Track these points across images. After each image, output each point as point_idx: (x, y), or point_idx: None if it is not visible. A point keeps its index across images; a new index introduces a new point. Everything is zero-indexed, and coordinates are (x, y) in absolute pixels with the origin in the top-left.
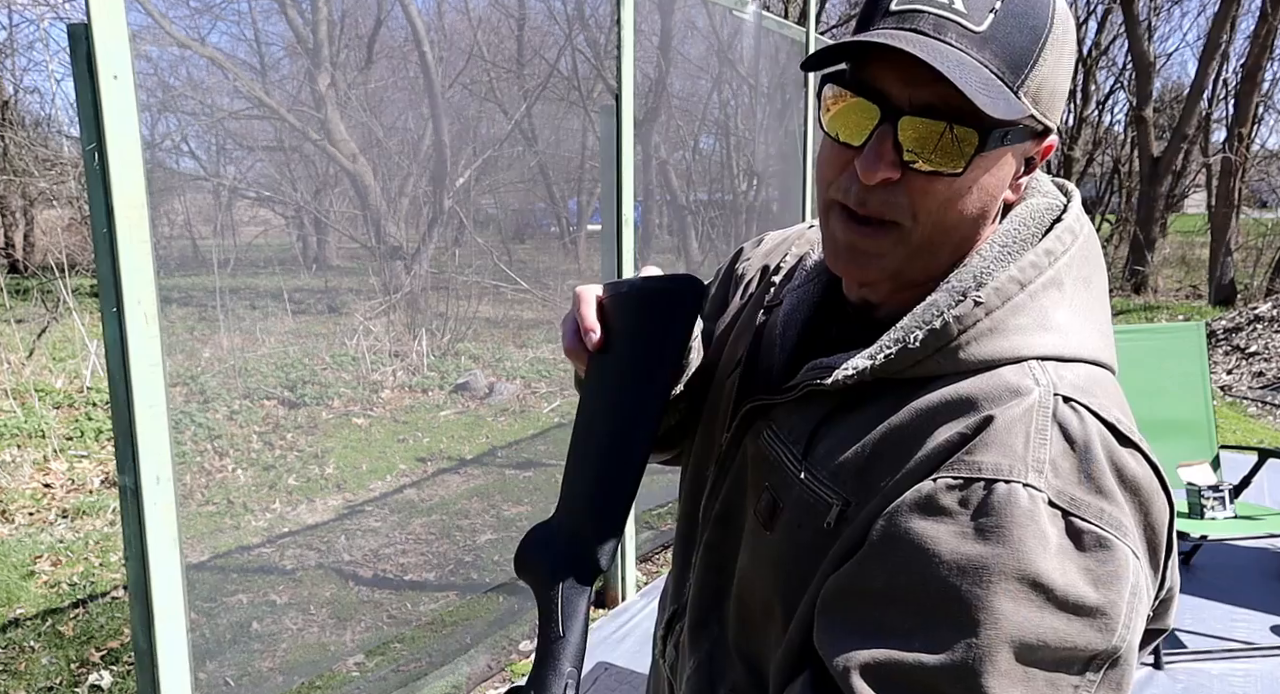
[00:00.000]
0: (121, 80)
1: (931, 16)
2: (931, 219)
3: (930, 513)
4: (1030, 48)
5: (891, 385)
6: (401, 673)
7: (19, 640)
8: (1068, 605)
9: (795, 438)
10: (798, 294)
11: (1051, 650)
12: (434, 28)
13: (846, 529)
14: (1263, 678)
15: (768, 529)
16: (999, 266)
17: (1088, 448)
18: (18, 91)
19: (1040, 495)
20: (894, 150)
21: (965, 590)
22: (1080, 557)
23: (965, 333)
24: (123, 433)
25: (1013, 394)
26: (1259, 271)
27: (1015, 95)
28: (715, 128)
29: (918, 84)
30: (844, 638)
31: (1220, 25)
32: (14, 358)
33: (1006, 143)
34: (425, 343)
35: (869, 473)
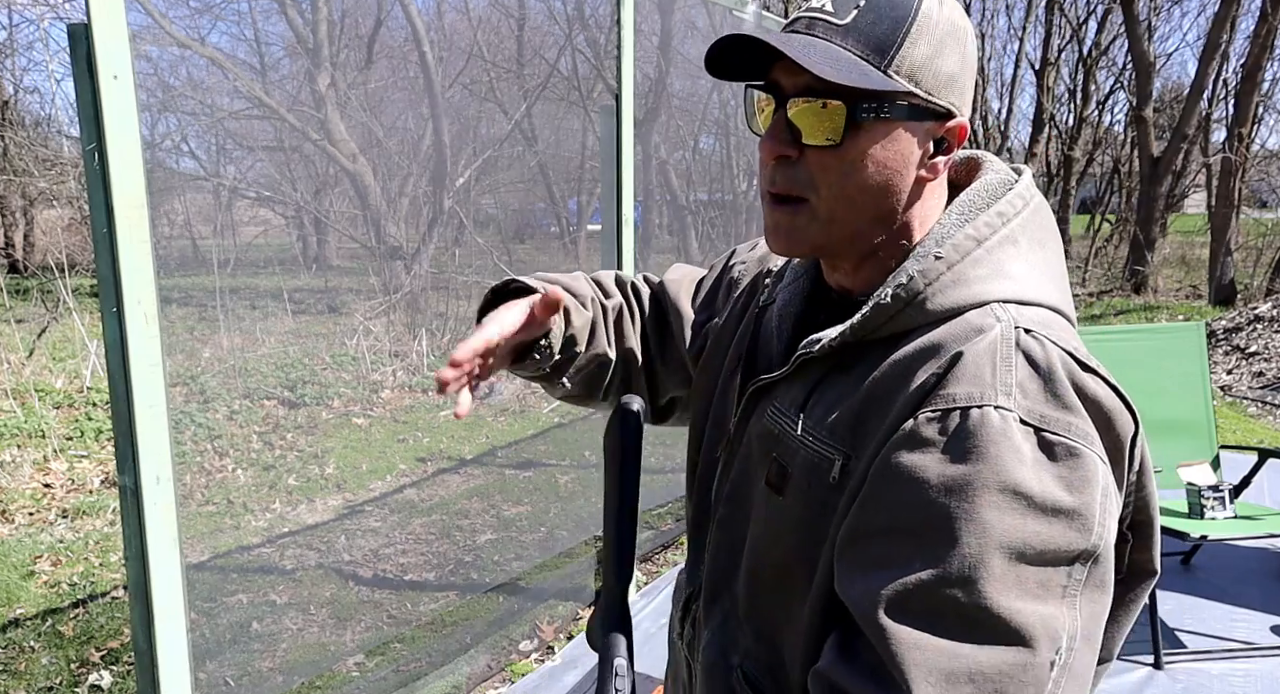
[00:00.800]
0: (121, 80)
1: (805, 18)
2: (832, 192)
3: (915, 446)
4: (893, 33)
5: (873, 345)
6: (401, 673)
7: (19, 640)
8: (1047, 510)
9: (794, 406)
10: (788, 290)
11: (1038, 552)
12: (434, 28)
13: (850, 481)
14: (1263, 678)
15: (779, 494)
16: (953, 231)
17: (1051, 370)
18: (18, 91)
19: (1011, 414)
20: (788, 130)
21: (954, 507)
22: (1053, 466)
23: (930, 286)
24: (123, 433)
25: (977, 332)
26: (1259, 271)
27: (882, 72)
28: (715, 128)
29: (796, 72)
30: (859, 578)
31: (1220, 25)
32: (14, 358)
33: (883, 116)
34: (425, 343)
35: (862, 426)
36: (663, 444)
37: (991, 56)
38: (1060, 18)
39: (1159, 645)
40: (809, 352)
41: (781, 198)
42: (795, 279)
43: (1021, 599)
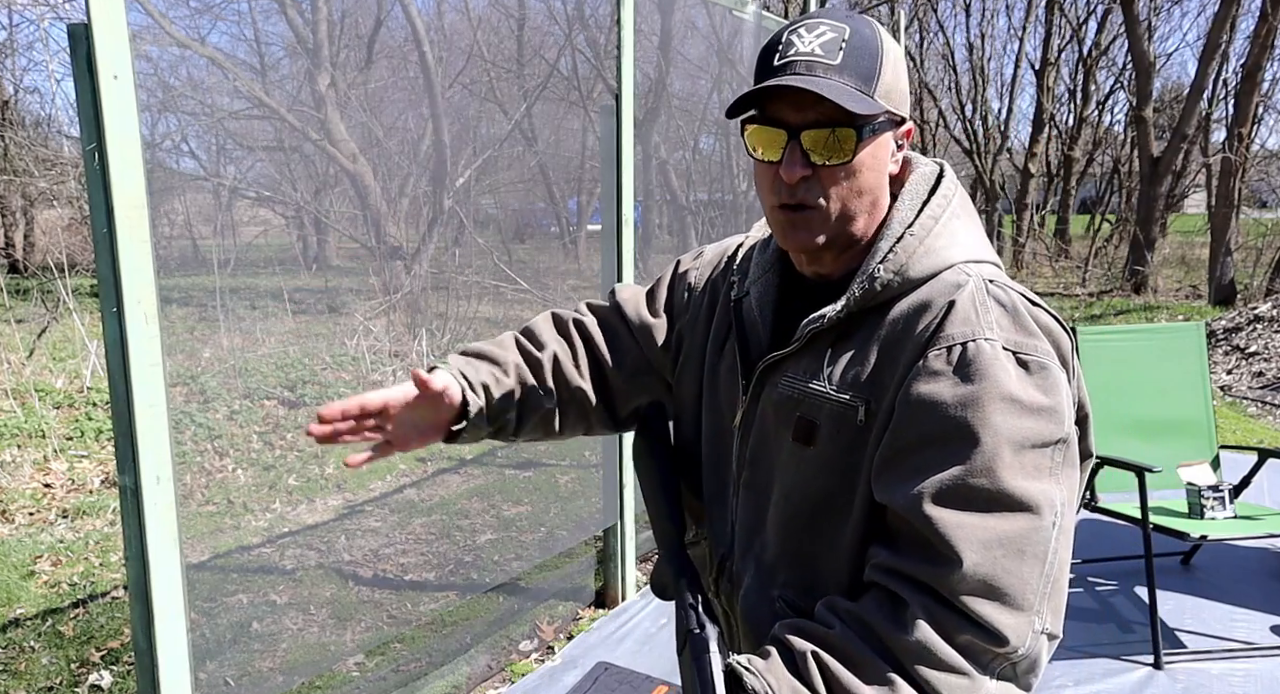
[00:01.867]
0: (121, 80)
1: (802, 62)
2: (840, 196)
3: (929, 377)
4: (872, 66)
5: (869, 313)
6: (401, 673)
7: (19, 640)
8: (1034, 410)
9: (812, 371)
10: (761, 285)
11: (1031, 443)
12: (434, 28)
13: (875, 419)
14: (1263, 678)
15: (809, 444)
16: (913, 214)
17: (1015, 309)
18: (18, 91)
19: (996, 343)
20: (802, 156)
21: (969, 417)
22: (1031, 378)
23: (910, 258)
24: (123, 433)
25: (956, 287)
26: (1259, 271)
27: (872, 98)
28: (715, 128)
29: (804, 108)
30: (899, 485)
31: (1220, 25)
32: (14, 358)
33: (877, 132)
34: (425, 343)
35: (876, 375)
36: None
37: (991, 56)
38: (1060, 18)
39: (1159, 645)
40: (818, 325)
41: (797, 207)
42: (764, 273)
43: (1027, 479)
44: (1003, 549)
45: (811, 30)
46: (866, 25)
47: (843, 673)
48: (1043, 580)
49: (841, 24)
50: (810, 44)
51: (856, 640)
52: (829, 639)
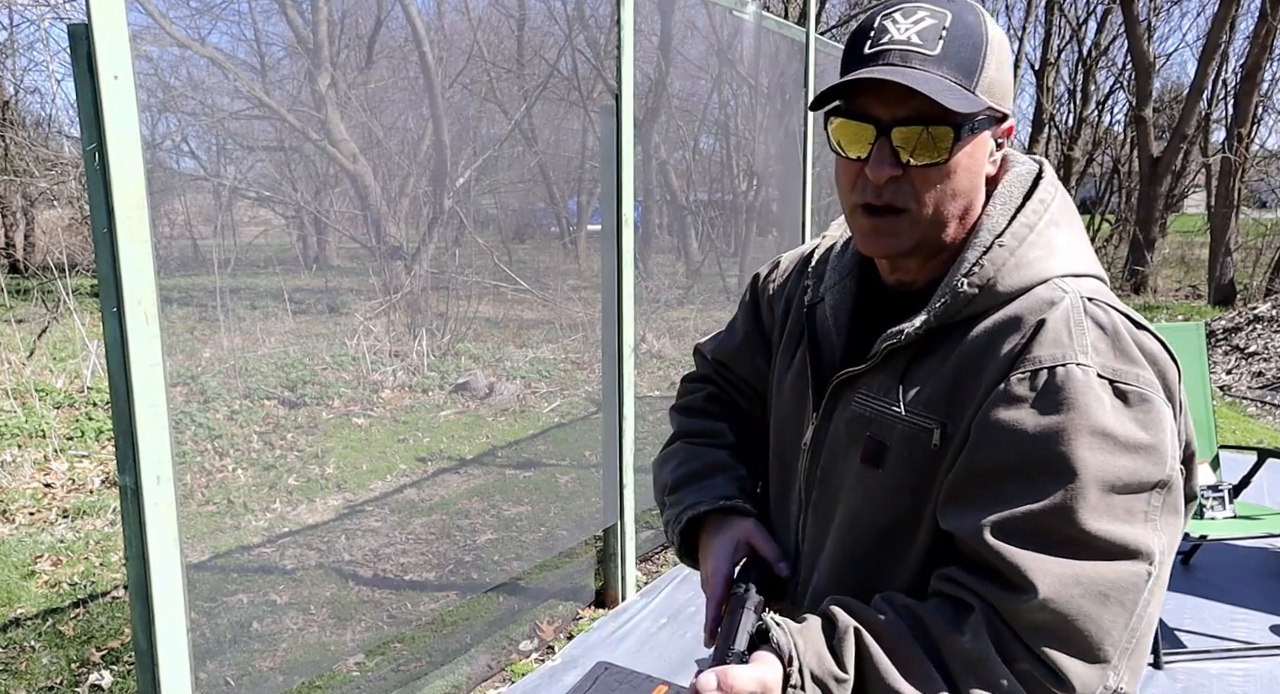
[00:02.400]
0: (122, 80)
1: (897, 52)
2: (933, 199)
3: (1012, 402)
4: (975, 58)
5: (951, 329)
6: (401, 673)
7: (19, 640)
8: (1130, 447)
9: (886, 390)
10: (837, 291)
11: (1124, 483)
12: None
13: (950, 443)
14: (1262, 678)
15: (878, 467)
16: (1005, 220)
17: (1116, 332)
18: (18, 91)
19: (1090, 369)
20: (892, 154)
21: (1054, 451)
22: (1129, 410)
23: (999, 271)
24: (123, 433)
25: (1049, 304)
26: (1258, 271)
27: (973, 94)
28: (715, 128)
29: (897, 103)
30: (969, 514)
31: (1220, 25)
32: (14, 358)
33: (975, 130)
34: (425, 343)
35: (954, 395)
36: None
37: None
38: (1060, 18)
39: (1158, 645)
40: (895, 342)
41: (882, 210)
42: (840, 280)
43: (1116, 523)
44: (1082, 588)
45: (908, 15)
46: (970, 11)
47: (880, 658)
48: (1126, 634)
49: (942, 9)
50: (906, 31)
51: (906, 633)
52: (876, 623)
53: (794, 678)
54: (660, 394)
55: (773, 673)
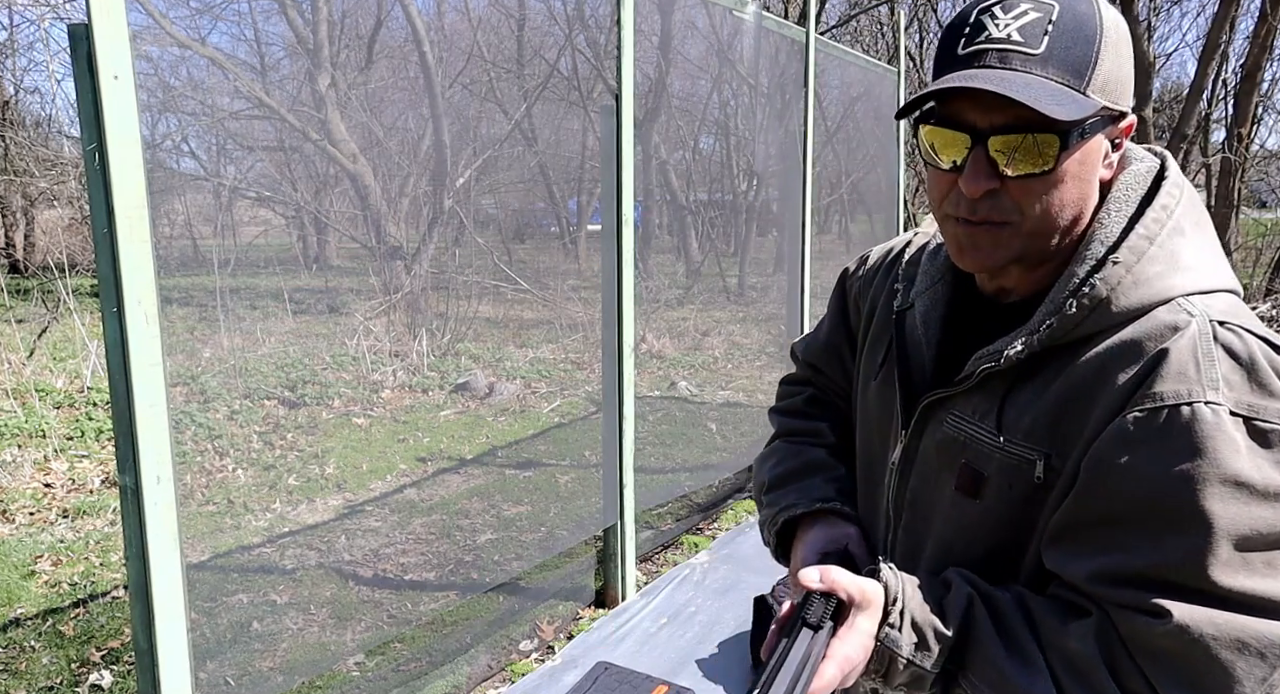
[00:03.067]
0: (122, 80)
1: (995, 52)
2: (1038, 211)
3: (1129, 443)
4: (1087, 54)
5: (1056, 352)
6: (401, 673)
7: (19, 640)
8: (1270, 495)
9: (983, 415)
10: (928, 297)
11: (1264, 537)
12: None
13: (1057, 477)
14: None
15: (974, 497)
16: (1119, 228)
17: (1253, 361)
18: (18, 91)
19: (1221, 408)
20: (989, 165)
21: (1180, 501)
22: (1269, 453)
23: (1113, 290)
24: (123, 433)
25: (1172, 329)
26: (1259, 271)
27: (1084, 95)
28: (715, 128)
29: (994, 109)
30: (1077, 559)
31: (1220, 25)
32: (14, 358)
33: (1086, 135)
34: (425, 343)
35: (1061, 425)
36: (662, 444)
37: None
38: None
39: None
40: (993, 366)
41: (980, 222)
42: (932, 284)
43: (1251, 578)
44: (1216, 630)
45: (1009, 10)
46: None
47: (988, 629)
48: (1261, 688)
49: (1048, 0)
50: (1007, 27)
51: (1019, 616)
52: (993, 598)
53: (893, 616)
54: (660, 394)
55: (876, 593)
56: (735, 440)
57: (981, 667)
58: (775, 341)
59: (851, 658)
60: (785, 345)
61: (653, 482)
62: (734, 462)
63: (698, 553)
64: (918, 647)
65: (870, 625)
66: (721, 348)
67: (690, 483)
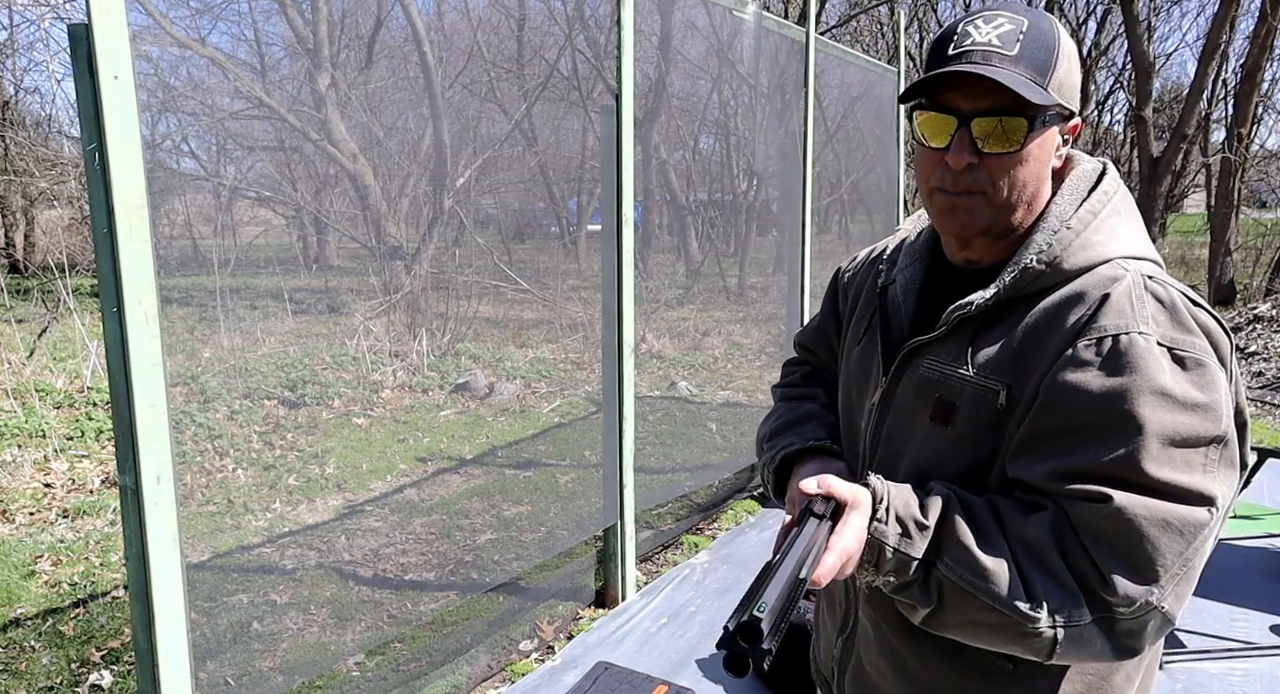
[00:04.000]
0: (122, 80)
1: (979, 52)
2: (1006, 183)
3: (1079, 366)
4: (1048, 59)
5: (1017, 302)
6: (401, 673)
7: (19, 640)
8: (1188, 405)
9: (955, 356)
10: (907, 273)
11: (1183, 438)
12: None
13: (1016, 403)
14: (1262, 678)
15: (947, 424)
16: (1073, 208)
17: (1174, 306)
18: (18, 91)
19: (1151, 337)
20: (971, 143)
21: (1119, 409)
22: (1187, 374)
23: (1065, 250)
24: (123, 433)
25: (1112, 280)
26: (1258, 271)
27: (1045, 90)
28: (715, 128)
29: (977, 97)
30: (1036, 464)
31: (1220, 25)
32: (14, 358)
33: (1046, 124)
34: (425, 343)
35: (1021, 360)
36: (662, 444)
37: None
38: (1060, 18)
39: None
40: (965, 312)
41: (959, 193)
42: (912, 262)
43: (1176, 472)
44: (1147, 511)
45: (989, 22)
46: (1045, 19)
47: (960, 522)
48: (1179, 561)
49: (1020, 17)
50: (988, 35)
51: (987, 511)
52: (967, 497)
53: (880, 512)
54: (660, 394)
55: (865, 495)
56: (735, 440)
57: (954, 550)
58: (775, 341)
59: (848, 548)
60: (785, 345)
61: (653, 482)
62: (734, 461)
63: (698, 553)
64: (902, 536)
65: (861, 521)
66: (721, 348)
67: (690, 483)
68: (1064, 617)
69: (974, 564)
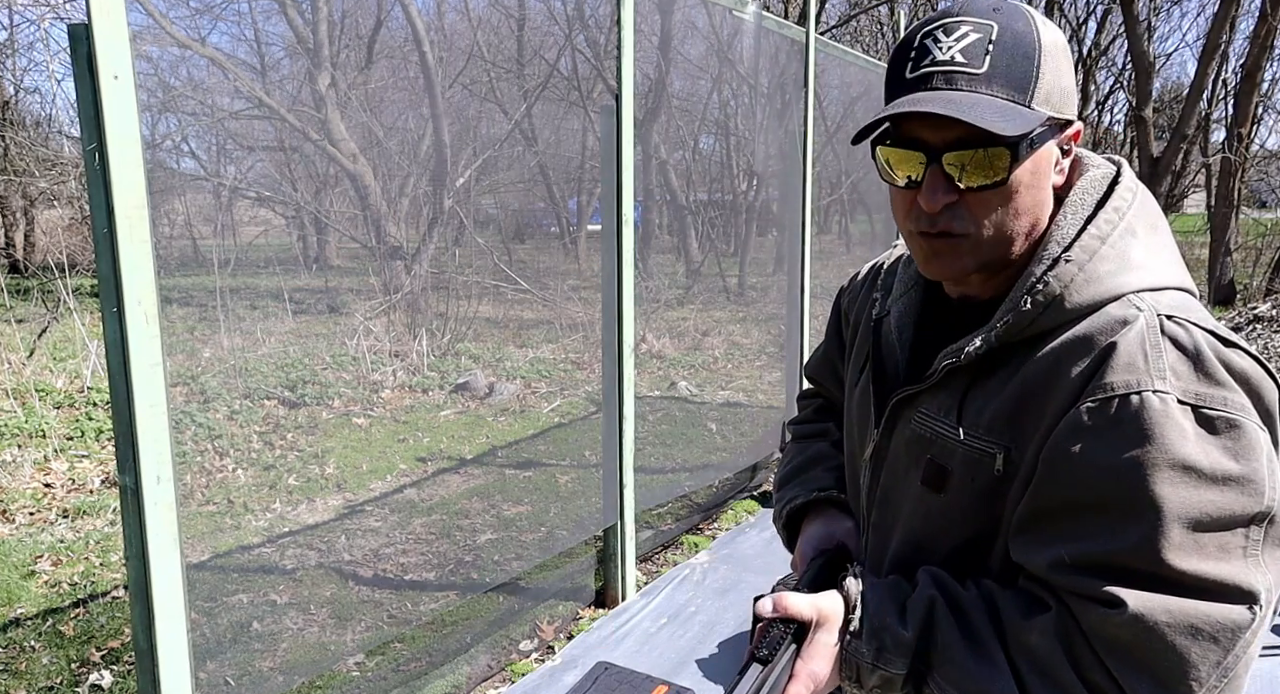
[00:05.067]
0: (122, 80)
1: (940, 74)
2: (994, 221)
3: (1082, 433)
4: (1028, 69)
5: (1014, 348)
6: (401, 673)
7: (19, 640)
8: (1218, 479)
9: (946, 411)
10: (902, 304)
11: (1214, 520)
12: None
13: (1016, 468)
14: (1262, 678)
15: (939, 491)
16: (1076, 231)
17: (1199, 351)
18: (18, 91)
19: (1169, 396)
20: (945, 180)
21: (1131, 487)
22: (1216, 438)
23: (1066, 288)
24: (123, 433)
25: (1122, 323)
26: (1258, 271)
27: (1029, 108)
28: (715, 128)
29: (945, 128)
30: (1037, 548)
31: (1220, 25)
32: (14, 358)
33: (1036, 146)
34: (425, 343)
35: (1019, 419)
36: (662, 444)
37: None
38: (1060, 18)
39: None
40: (955, 361)
41: (939, 235)
42: (906, 292)
43: (1206, 561)
44: (1170, 617)
45: (950, 33)
46: (1019, 17)
47: (949, 627)
48: (1216, 673)
49: (987, 20)
50: (949, 50)
51: (983, 613)
52: (958, 597)
53: (854, 625)
54: (660, 394)
55: (833, 607)
56: (735, 440)
57: (945, 667)
58: (775, 342)
59: (816, 673)
60: (785, 345)
61: (653, 482)
62: (734, 462)
63: (698, 553)
64: (879, 652)
65: (830, 638)
66: (721, 348)
67: (690, 483)
68: None
69: (968, 684)
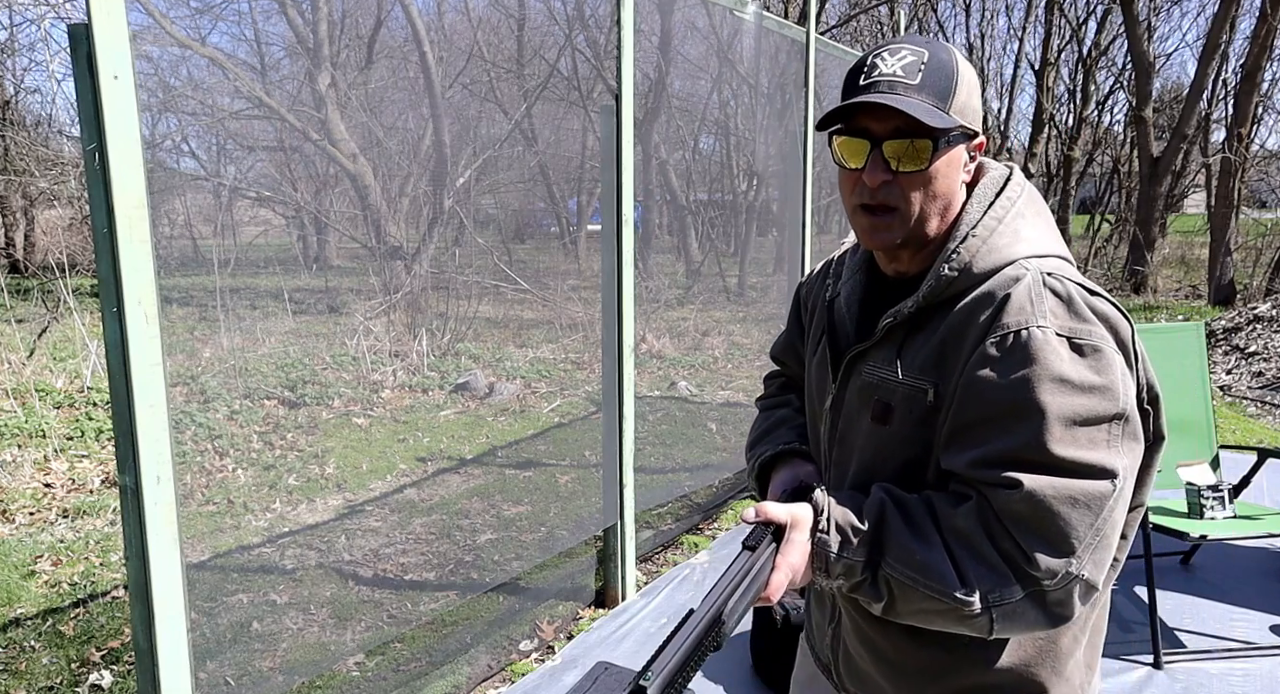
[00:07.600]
0: (122, 80)
1: (885, 82)
2: (918, 199)
3: (986, 362)
4: (948, 86)
5: (938, 307)
6: (401, 673)
7: (19, 640)
8: (1086, 388)
9: (889, 360)
10: (849, 285)
11: (1084, 419)
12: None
13: (943, 400)
14: (1262, 677)
15: (885, 424)
16: (980, 215)
17: (1070, 298)
18: (18, 91)
19: (1049, 330)
20: (884, 163)
21: (1023, 398)
22: (1083, 360)
23: (974, 257)
24: (123, 432)
25: (1014, 280)
26: (1258, 271)
27: (947, 114)
28: (715, 128)
29: (886, 121)
30: (959, 454)
31: (1220, 25)
32: (14, 358)
33: (951, 144)
34: (425, 343)
35: (944, 360)
36: (662, 444)
37: (991, 57)
38: (1060, 18)
39: (1158, 645)
40: (892, 320)
41: (878, 209)
42: (853, 275)
43: (1080, 450)
44: (1055, 491)
45: (894, 54)
46: (944, 51)
47: (895, 520)
48: (1091, 532)
49: (922, 49)
50: (893, 66)
51: (922, 509)
52: (903, 498)
53: (822, 524)
54: (660, 394)
55: (804, 512)
56: (735, 440)
57: (894, 550)
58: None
59: (794, 564)
60: None
61: (653, 482)
62: (734, 461)
63: (698, 553)
64: (843, 543)
65: (803, 536)
66: (721, 348)
67: (690, 483)
68: (996, 597)
69: (912, 560)
